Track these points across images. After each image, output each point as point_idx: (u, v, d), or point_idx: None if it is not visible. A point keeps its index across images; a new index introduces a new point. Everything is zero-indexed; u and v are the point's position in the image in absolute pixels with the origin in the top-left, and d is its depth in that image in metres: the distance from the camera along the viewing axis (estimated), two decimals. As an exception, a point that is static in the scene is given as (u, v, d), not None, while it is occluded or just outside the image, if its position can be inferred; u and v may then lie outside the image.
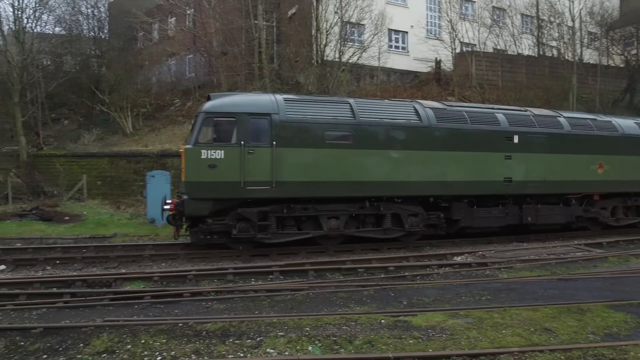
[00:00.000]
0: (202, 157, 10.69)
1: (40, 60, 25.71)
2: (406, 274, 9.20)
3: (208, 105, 11.31)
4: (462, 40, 26.54)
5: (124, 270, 9.40)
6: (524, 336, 5.63)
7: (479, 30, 26.86)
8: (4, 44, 23.15)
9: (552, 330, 5.82)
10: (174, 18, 28.81)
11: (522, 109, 14.60)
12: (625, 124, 15.19)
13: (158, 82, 27.39)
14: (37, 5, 23.97)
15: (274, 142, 10.85)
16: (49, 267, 9.99)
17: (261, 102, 11.51)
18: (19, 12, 22.70)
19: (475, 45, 27.11)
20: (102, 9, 28.90)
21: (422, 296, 7.55)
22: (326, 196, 11.41)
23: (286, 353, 5.35)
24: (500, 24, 28.25)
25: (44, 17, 25.42)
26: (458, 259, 10.80)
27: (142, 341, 5.70)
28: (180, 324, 6.14)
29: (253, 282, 8.72)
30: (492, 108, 14.05)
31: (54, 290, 8.02)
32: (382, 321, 6.14)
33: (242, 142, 10.73)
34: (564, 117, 14.24)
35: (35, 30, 24.33)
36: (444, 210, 12.55)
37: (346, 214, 11.71)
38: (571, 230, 14.34)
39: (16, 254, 10.82)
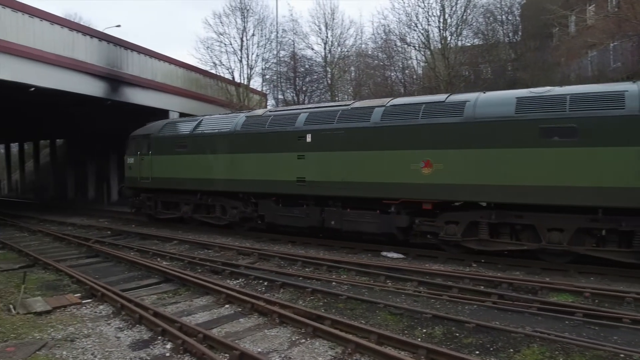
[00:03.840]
0: (127, 162, 18.69)
1: (462, 71, 28.09)
2: None
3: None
4: None
5: (547, 279, 9.03)
6: None
7: None
8: (433, 62, 26.52)
9: None
10: (593, 5, 26.17)
11: (347, 103, 13.49)
12: (486, 102, 10.46)
13: (578, 78, 25.45)
14: (459, 23, 26.39)
15: (151, 152, 17.38)
16: (474, 264, 10.67)
17: (150, 127, 18.20)
18: (444, 32, 25.66)
19: None
20: (515, 13, 29.23)
21: None
22: (178, 188, 16.49)
23: None
24: None
25: (464, 32, 27.68)
26: None
27: (577, 363, 5.31)
28: (622, 355, 5.41)
29: None
30: (307, 108, 14.10)
31: (482, 288, 8.46)
32: None
33: (139, 153, 17.92)
34: (387, 106, 12.01)
35: (457, 45, 26.85)
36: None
37: (192, 203, 16.54)
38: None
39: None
